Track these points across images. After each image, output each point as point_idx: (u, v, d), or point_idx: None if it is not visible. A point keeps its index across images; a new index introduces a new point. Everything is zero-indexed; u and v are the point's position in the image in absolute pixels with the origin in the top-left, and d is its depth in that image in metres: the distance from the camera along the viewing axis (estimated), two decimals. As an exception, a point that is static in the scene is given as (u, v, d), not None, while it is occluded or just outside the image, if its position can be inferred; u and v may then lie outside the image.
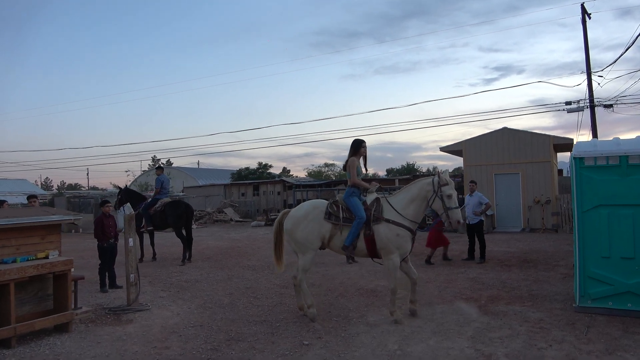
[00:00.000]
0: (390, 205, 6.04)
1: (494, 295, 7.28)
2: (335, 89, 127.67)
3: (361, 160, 6.39)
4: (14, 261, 5.61)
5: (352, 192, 6.19)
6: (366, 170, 6.48)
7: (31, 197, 9.36)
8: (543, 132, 18.24)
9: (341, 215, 6.10)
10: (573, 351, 4.74)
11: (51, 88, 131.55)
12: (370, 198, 6.21)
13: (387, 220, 5.90)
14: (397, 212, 5.94)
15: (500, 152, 18.15)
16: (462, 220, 5.61)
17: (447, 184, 5.83)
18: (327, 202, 6.39)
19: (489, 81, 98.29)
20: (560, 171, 24.30)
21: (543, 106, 55.51)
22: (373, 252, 6.02)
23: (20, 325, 5.39)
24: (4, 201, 10.03)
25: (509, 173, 17.99)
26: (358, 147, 6.33)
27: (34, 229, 5.99)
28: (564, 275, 8.63)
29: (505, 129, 18.38)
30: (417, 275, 6.28)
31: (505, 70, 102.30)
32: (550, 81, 54.15)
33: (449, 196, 5.78)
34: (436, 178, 5.94)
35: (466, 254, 11.08)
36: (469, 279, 8.63)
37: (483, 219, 11.16)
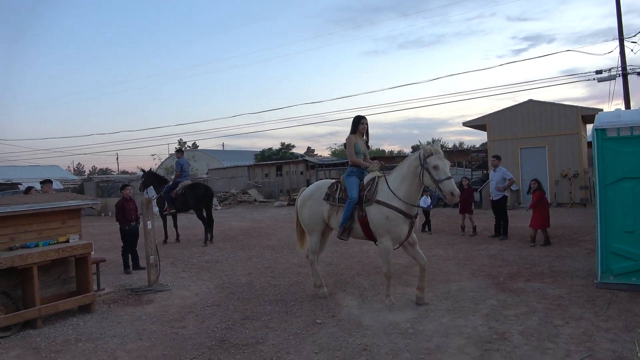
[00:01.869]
0: (388, 185, 5.56)
1: (513, 272, 7.15)
2: (358, 66, 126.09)
3: (362, 138, 6.11)
4: (37, 245, 5.80)
5: (350, 172, 5.96)
6: (368, 147, 6.20)
7: (45, 182, 9.20)
8: (572, 104, 17.58)
9: (337, 195, 5.92)
10: (590, 328, 4.62)
11: (79, 75, 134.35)
12: (368, 177, 5.82)
13: (378, 202, 5.47)
14: (391, 193, 5.46)
15: (526, 125, 17.62)
16: (456, 192, 5.00)
17: (431, 155, 5.18)
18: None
19: (518, 52, 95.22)
20: (589, 143, 23.46)
21: (572, 76, 53.34)
22: (369, 234, 5.67)
23: (44, 307, 5.61)
24: (31, 187, 10.37)
25: (535, 147, 17.48)
26: (357, 124, 6.02)
27: (54, 214, 6.17)
28: (588, 250, 8.39)
29: (530, 101, 17.79)
30: (425, 260, 5.71)
31: (534, 40, 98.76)
32: (580, 49, 51.97)
33: (435, 167, 5.12)
34: (422, 151, 5.33)
35: (492, 230, 10.92)
36: (489, 256, 8.50)
37: (507, 194, 10.93)
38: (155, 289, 7.02)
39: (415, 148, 58.06)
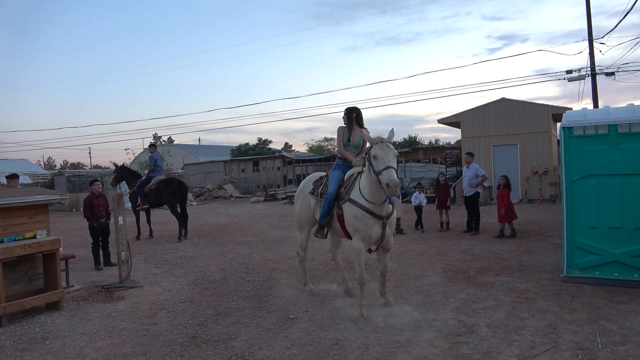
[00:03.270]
0: (359, 182, 5.16)
1: (483, 267, 7.31)
2: (336, 61, 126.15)
3: (359, 129, 5.62)
4: (1, 242, 5.63)
5: (336, 165, 5.70)
6: (353, 140, 5.65)
7: (11, 176, 8.96)
8: (543, 102, 18.02)
9: (320, 190, 5.70)
10: (555, 321, 4.77)
11: (49, 67, 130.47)
12: (349, 173, 5.46)
13: (350, 200, 5.10)
14: (359, 191, 5.05)
15: (499, 123, 17.98)
16: (393, 183, 4.37)
17: (372, 144, 4.77)
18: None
19: (493, 51, 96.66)
20: (559, 141, 24.14)
21: (543, 75, 54.81)
22: (348, 234, 5.28)
23: (9, 305, 5.46)
24: (-3, 182, 10.02)
25: (507, 144, 17.87)
26: (350, 115, 5.62)
27: (21, 210, 6.00)
28: (556, 245, 8.64)
29: (503, 99, 18.16)
30: (386, 268, 5.40)
31: (509, 39, 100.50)
32: (551, 49, 53.30)
33: (375, 157, 4.64)
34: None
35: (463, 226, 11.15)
36: (461, 251, 8.66)
37: (480, 191, 11.16)
38: (126, 286, 6.91)
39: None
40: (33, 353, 4.56)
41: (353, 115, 5.63)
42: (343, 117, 5.71)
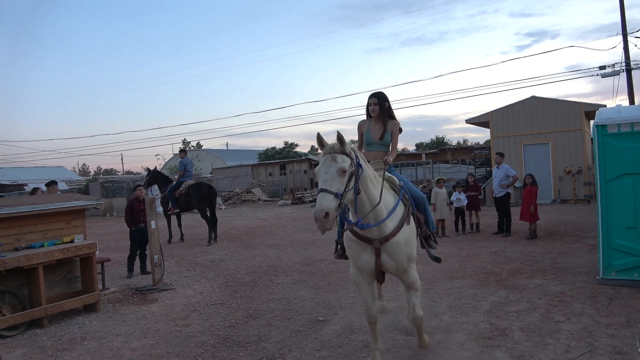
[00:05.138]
0: None
1: (515, 269, 7.16)
2: (360, 63, 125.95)
3: (382, 122, 4.38)
4: (42, 246, 5.87)
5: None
6: (381, 137, 4.35)
7: (50, 183, 9.46)
8: (576, 100, 17.56)
9: None
10: (591, 324, 4.64)
11: (84, 76, 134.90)
12: None
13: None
14: None
15: (529, 121, 17.58)
16: (315, 216, 3.07)
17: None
18: None
19: (522, 48, 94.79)
20: (593, 140, 23.42)
21: (575, 72, 53.18)
22: None
23: (50, 306, 5.68)
24: (37, 188, 10.47)
25: (538, 143, 17.45)
26: (367, 105, 4.46)
27: (59, 215, 6.24)
28: (591, 247, 8.39)
29: (533, 97, 17.75)
30: (416, 314, 3.82)
31: (538, 36, 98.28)
32: (583, 45, 51.84)
33: (316, 174, 3.43)
34: None
35: (495, 227, 10.95)
36: (492, 253, 8.52)
37: (510, 191, 10.95)
38: (159, 288, 7.08)
39: (418, 146, 57.90)
40: (72, 353, 4.74)
41: (373, 104, 4.39)
42: (367, 107, 4.44)
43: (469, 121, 19.59)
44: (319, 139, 3.46)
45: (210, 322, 5.48)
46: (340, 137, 3.30)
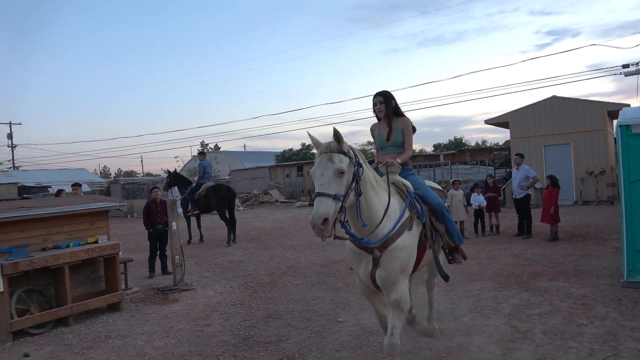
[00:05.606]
0: None
1: (537, 271, 7.07)
2: (377, 64, 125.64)
3: (394, 123, 4.05)
4: (67, 246, 6.02)
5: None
6: (388, 138, 4.07)
7: (75, 185, 9.75)
8: (598, 99, 17.24)
9: None
10: (615, 328, 4.56)
11: (105, 80, 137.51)
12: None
13: None
14: None
15: (550, 122, 17.32)
16: (312, 224, 2.77)
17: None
18: None
19: (542, 47, 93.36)
20: (616, 140, 22.95)
21: (597, 70, 52.09)
22: None
23: (75, 305, 5.82)
24: (62, 190, 10.72)
25: (559, 144, 17.18)
26: (373, 106, 4.12)
27: (84, 216, 6.39)
28: (615, 249, 8.23)
29: (554, 97, 17.49)
30: (391, 341, 3.43)
31: (559, 34, 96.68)
32: (606, 43, 50.69)
33: (312, 176, 3.13)
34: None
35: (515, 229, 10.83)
36: (513, 255, 8.42)
37: (530, 192, 10.82)
38: (180, 288, 7.19)
39: (436, 147, 57.38)
40: (97, 351, 4.85)
41: (378, 103, 4.05)
42: (374, 106, 4.12)
43: (488, 122, 19.40)
44: (312, 138, 3.12)
45: (231, 322, 5.55)
46: (336, 134, 2.98)
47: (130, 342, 5.04)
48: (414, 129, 4.10)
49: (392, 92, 4.10)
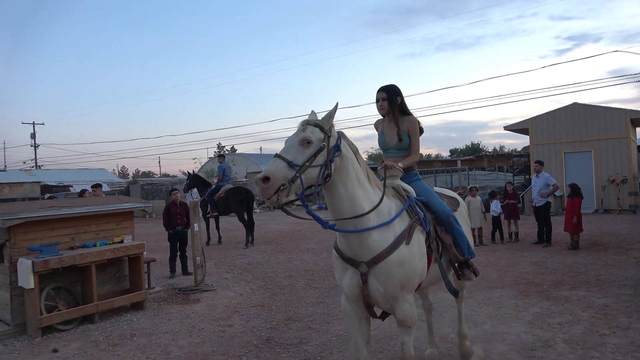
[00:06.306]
0: None
1: (557, 280, 7.03)
2: (394, 68, 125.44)
3: (397, 122, 3.60)
4: (94, 245, 6.19)
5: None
6: (392, 140, 3.64)
7: (96, 185, 9.97)
8: (620, 106, 17.00)
9: None
10: (638, 338, 4.53)
11: (123, 83, 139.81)
12: None
13: None
14: None
15: (570, 129, 17.12)
16: (260, 178, 2.58)
17: None
18: None
19: (562, 52, 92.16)
20: (639, 147, 22.54)
21: (619, 77, 51.24)
22: None
23: (101, 303, 5.98)
24: (85, 190, 10.98)
25: (580, 151, 16.96)
26: (376, 101, 3.68)
27: (110, 216, 6.56)
28: (638, 259, 8.14)
29: (575, 104, 17.29)
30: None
31: (579, 39, 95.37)
32: (628, 49, 49.82)
33: None
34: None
35: (535, 237, 10.74)
36: (532, 263, 8.37)
37: (550, 200, 10.72)
38: (201, 289, 7.32)
39: (453, 152, 56.88)
40: (123, 348, 4.98)
41: (380, 99, 3.60)
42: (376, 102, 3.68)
43: (507, 128, 19.26)
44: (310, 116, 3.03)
45: (252, 324, 5.64)
46: (330, 113, 2.88)
47: (155, 341, 5.17)
48: (421, 130, 3.66)
49: (398, 87, 3.61)
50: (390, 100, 3.55)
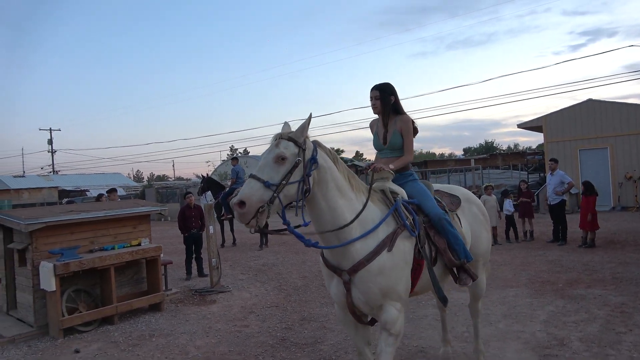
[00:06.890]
0: None
1: (573, 278, 6.98)
2: (405, 68, 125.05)
3: (393, 122, 3.50)
4: (113, 248, 6.33)
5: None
6: (384, 140, 3.52)
7: (111, 190, 10.18)
8: (637, 102, 16.77)
9: None
10: (656, 337, 4.50)
11: (137, 88, 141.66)
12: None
13: None
14: None
15: (585, 126, 16.93)
16: (234, 203, 2.52)
17: None
18: None
19: (576, 48, 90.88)
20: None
21: (636, 72, 50.41)
22: None
23: (120, 305, 6.12)
24: (102, 194, 11.20)
25: (596, 148, 16.75)
26: (382, 98, 3.50)
27: (127, 220, 6.70)
28: (656, 257, 8.03)
29: (590, 100, 17.09)
30: None
31: (593, 34, 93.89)
32: (646, 44, 48.79)
33: None
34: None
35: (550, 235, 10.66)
36: (548, 262, 8.32)
37: (565, 198, 10.64)
38: (217, 290, 7.42)
39: (466, 150, 56.52)
40: (143, 348, 5.10)
41: (374, 97, 3.50)
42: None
43: (521, 125, 19.10)
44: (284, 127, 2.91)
45: (267, 324, 5.72)
46: (303, 124, 2.73)
47: (173, 341, 5.27)
48: (415, 130, 3.54)
49: (393, 86, 3.51)
50: (383, 99, 3.45)
